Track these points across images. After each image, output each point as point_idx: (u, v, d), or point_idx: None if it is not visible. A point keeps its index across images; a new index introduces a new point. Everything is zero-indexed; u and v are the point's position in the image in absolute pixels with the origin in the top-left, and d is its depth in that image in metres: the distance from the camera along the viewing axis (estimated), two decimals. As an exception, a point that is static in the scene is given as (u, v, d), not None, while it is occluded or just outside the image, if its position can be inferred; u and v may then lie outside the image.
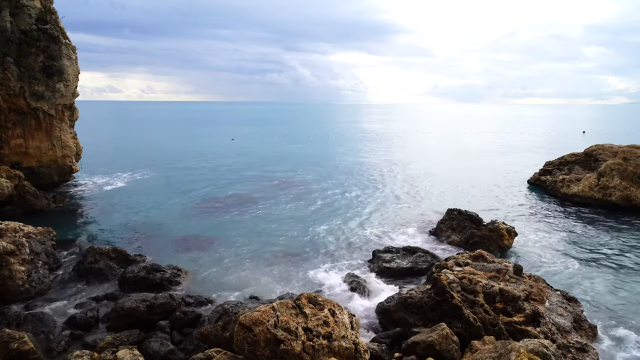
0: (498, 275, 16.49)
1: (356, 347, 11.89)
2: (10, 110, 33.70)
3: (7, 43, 32.41)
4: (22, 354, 13.24)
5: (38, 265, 19.32)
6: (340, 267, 22.19)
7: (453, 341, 13.43)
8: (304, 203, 35.12)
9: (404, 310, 15.79)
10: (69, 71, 35.32)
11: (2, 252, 17.87)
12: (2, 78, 31.98)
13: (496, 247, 23.80)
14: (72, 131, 38.67)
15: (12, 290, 17.64)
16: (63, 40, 35.19)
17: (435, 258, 21.75)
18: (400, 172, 50.42)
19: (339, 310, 12.77)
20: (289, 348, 11.06)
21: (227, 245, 25.14)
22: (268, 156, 63.88)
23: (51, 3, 35.91)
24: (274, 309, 11.96)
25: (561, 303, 15.84)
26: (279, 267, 22.07)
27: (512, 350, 11.08)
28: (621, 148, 36.72)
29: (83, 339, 15.37)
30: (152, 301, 16.44)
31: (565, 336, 14.04)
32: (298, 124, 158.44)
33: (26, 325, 15.56)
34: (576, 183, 36.14)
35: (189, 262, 22.49)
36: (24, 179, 32.78)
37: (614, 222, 29.78)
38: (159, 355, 13.96)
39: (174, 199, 36.27)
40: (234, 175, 47.67)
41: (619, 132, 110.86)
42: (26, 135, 34.83)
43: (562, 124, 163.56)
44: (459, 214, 26.62)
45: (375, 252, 22.72)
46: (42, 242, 21.05)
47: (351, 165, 55.02)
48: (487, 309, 14.55)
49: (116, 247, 22.64)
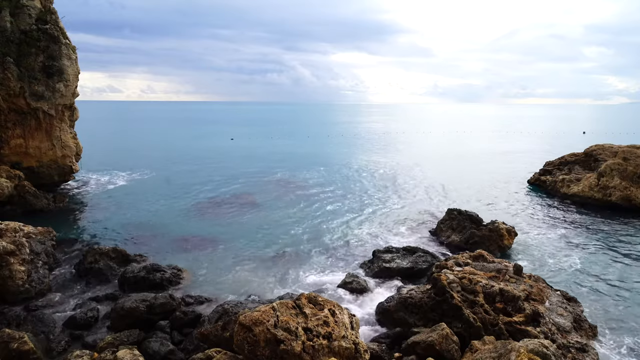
0: (498, 275, 16.49)
1: (356, 347, 11.88)
2: (10, 110, 33.69)
3: (7, 43, 32.40)
4: (22, 354, 13.24)
5: (38, 265, 19.32)
6: (340, 267, 22.20)
7: (453, 341, 13.42)
8: (304, 203, 35.12)
9: (404, 310, 15.78)
10: (69, 71, 35.31)
11: (2, 252, 17.87)
12: (2, 78, 31.98)
13: (496, 247, 23.80)
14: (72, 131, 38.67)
15: (12, 290, 17.64)
16: (63, 40, 35.18)
17: (435, 258, 21.76)
18: (400, 172, 50.43)
19: (339, 310, 12.77)
20: (289, 348, 11.06)
21: (227, 245, 25.15)
22: (268, 156, 63.89)
23: (51, 3, 35.90)
24: (274, 309, 11.96)
25: (561, 303, 15.84)
26: (279, 267, 22.07)
27: (512, 350, 11.08)
28: (621, 148, 36.73)
29: (83, 339, 15.38)
30: (152, 301, 16.44)
31: (565, 336, 14.04)
32: (298, 124, 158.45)
33: (26, 325, 15.57)
34: (576, 183, 36.14)
35: (189, 262, 22.50)
36: (24, 179, 32.77)
37: (614, 222, 29.77)
38: (159, 355, 13.96)
39: (174, 198, 36.27)
40: (234, 175, 47.66)
41: (619, 132, 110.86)
42: (26, 135, 34.82)
43: (562, 124, 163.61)
44: (459, 213, 26.62)
45: (375, 252, 22.72)
46: (42, 242, 21.05)
47: (351, 166, 55.03)
48: (487, 309, 14.55)
49: (116, 247, 22.65)
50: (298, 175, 47.89)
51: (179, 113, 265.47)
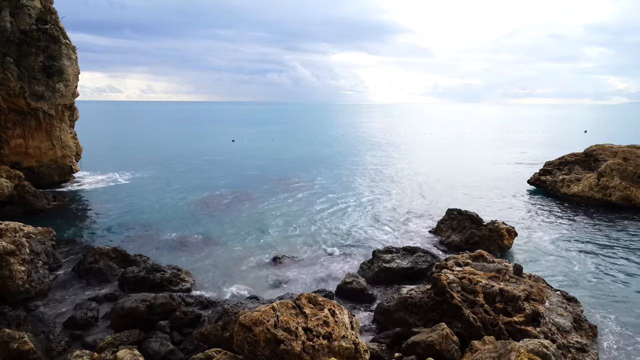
0: (498, 275, 16.48)
1: (356, 347, 11.88)
2: (10, 110, 33.71)
3: (7, 43, 32.41)
4: (22, 354, 13.23)
5: (38, 265, 19.32)
6: (340, 267, 22.20)
7: (453, 341, 13.42)
8: (304, 203, 35.12)
9: (404, 310, 15.78)
10: (69, 71, 35.33)
11: (2, 252, 17.87)
12: (2, 78, 32.00)
13: (496, 247, 23.79)
14: (72, 131, 38.68)
15: (12, 290, 17.63)
16: (63, 40, 35.20)
17: (435, 258, 21.74)
18: (400, 172, 50.44)
19: (339, 310, 12.76)
20: (289, 348, 11.06)
21: (227, 245, 25.15)
22: (268, 156, 63.90)
23: (51, 3, 35.91)
24: (274, 309, 11.96)
25: (561, 303, 15.84)
26: (279, 267, 22.07)
27: (512, 350, 11.08)
28: (621, 148, 36.72)
29: (83, 339, 15.37)
30: (152, 301, 16.43)
31: (565, 336, 14.03)
32: (298, 124, 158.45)
33: (26, 325, 15.57)
34: (576, 183, 36.14)
35: (189, 262, 22.50)
36: (24, 179, 32.77)
37: (614, 222, 29.77)
38: (159, 355, 13.95)
39: (174, 198, 36.27)
40: (234, 175, 47.68)
41: (619, 132, 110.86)
42: (26, 135, 34.83)
43: (562, 124, 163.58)
44: (459, 213, 26.61)
45: (375, 252, 22.71)
46: (42, 242, 21.05)
47: (351, 166, 55.04)
48: (487, 309, 14.54)
49: (116, 247, 22.63)
50: (298, 175, 47.89)
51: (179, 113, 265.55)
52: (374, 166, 54.71)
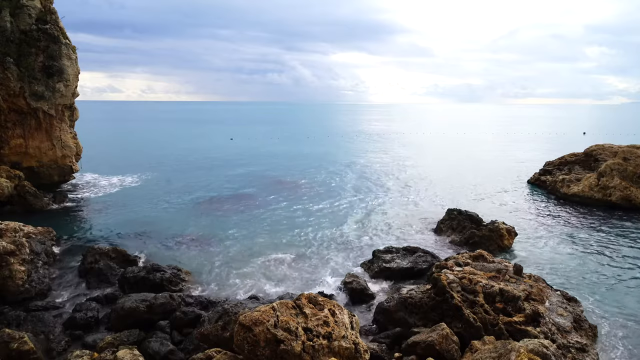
0: (498, 275, 16.49)
1: (356, 347, 11.88)
2: (10, 110, 33.70)
3: (7, 43, 32.40)
4: (22, 354, 13.24)
5: (38, 265, 19.33)
6: (340, 267, 22.20)
7: (453, 341, 13.42)
8: (305, 203, 35.12)
9: (404, 310, 15.78)
10: (69, 71, 35.32)
11: (2, 252, 17.87)
12: (2, 78, 31.98)
13: (496, 247, 23.80)
14: (72, 131, 38.67)
15: (12, 290, 17.64)
16: (63, 40, 35.19)
17: (435, 258, 21.74)
18: (401, 172, 50.43)
19: (339, 310, 12.76)
20: (289, 348, 11.06)
21: (227, 245, 25.15)
22: (269, 156, 63.89)
23: (51, 3, 35.89)
24: (274, 309, 11.96)
25: (561, 303, 15.84)
26: (279, 267, 22.07)
27: (512, 350, 11.08)
28: (621, 148, 36.72)
29: (83, 339, 15.37)
30: (152, 301, 16.44)
31: (565, 336, 14.03)
32: (298, 124, 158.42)
33: (26, 325, 15.57)
34: (576, 183, 36.14)
35: (189, 262, 22.50)
36: (24, 179, 32.77)
37: (614, 222, 29.76)
38: (159, 355, 13.96)
39: (174, 199, 36.27)
40: (234, 175, 47.67)
41: (619, 132, 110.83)
42: (26, 135, 34.82)
43: (562, 124, 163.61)
44: (459, 213, 26.62)
45: (375, 252, 22.72)
46: (42, 242, 21.06)
47: (352, 166, 55.02)
48: (487, 309, 14.54)
49: (116, 247, 22.65)
50: (298, 175, 47.88)
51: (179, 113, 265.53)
52: (373, 166, 54.70)
